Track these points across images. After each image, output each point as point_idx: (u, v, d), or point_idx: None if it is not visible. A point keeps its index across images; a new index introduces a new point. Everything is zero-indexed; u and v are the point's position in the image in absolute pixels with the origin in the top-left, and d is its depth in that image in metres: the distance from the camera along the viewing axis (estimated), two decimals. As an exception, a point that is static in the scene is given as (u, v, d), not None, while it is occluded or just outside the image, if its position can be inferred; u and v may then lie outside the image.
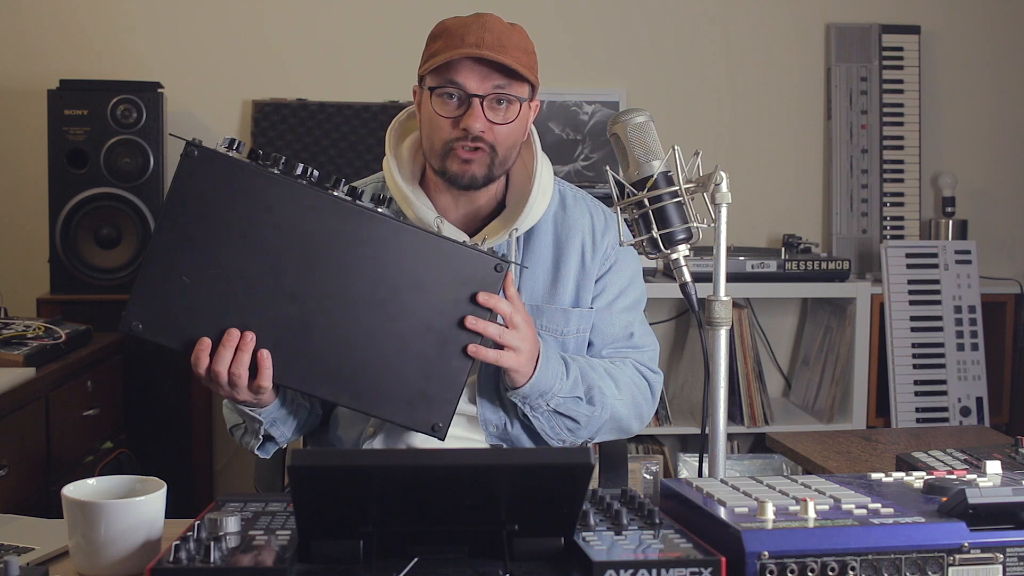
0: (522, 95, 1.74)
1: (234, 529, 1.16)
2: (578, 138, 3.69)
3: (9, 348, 2.58)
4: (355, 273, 1.53)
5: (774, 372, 3.80)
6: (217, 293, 1.51)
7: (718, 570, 1.09)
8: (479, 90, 1.70)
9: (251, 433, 1.72)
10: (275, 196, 1.51)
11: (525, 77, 1.72)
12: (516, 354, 1.63)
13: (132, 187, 3.22)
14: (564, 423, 1.77)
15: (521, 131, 1.78)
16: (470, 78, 1.70)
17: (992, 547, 1.14)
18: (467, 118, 1.70)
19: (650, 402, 1.88)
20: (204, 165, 1.49)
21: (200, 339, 1.52)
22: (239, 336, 1.52)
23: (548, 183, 1.84)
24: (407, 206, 1.79)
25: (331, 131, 3.51)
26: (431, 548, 1.15)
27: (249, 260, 1.51)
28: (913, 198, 3.76)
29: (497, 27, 1.73)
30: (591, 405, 1.76)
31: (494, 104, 1.72)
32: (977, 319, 3.48)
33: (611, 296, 1.88)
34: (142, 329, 1.51)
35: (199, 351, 1.53)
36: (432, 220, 1.77)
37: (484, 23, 1.72)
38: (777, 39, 3.79)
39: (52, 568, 1.28)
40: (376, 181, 1.90)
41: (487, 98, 1.71)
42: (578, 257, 1.85)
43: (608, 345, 1.87)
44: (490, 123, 1.71)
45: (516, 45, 1.72)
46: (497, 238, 1.78)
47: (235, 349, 1.52)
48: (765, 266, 3.36)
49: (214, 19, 3.57)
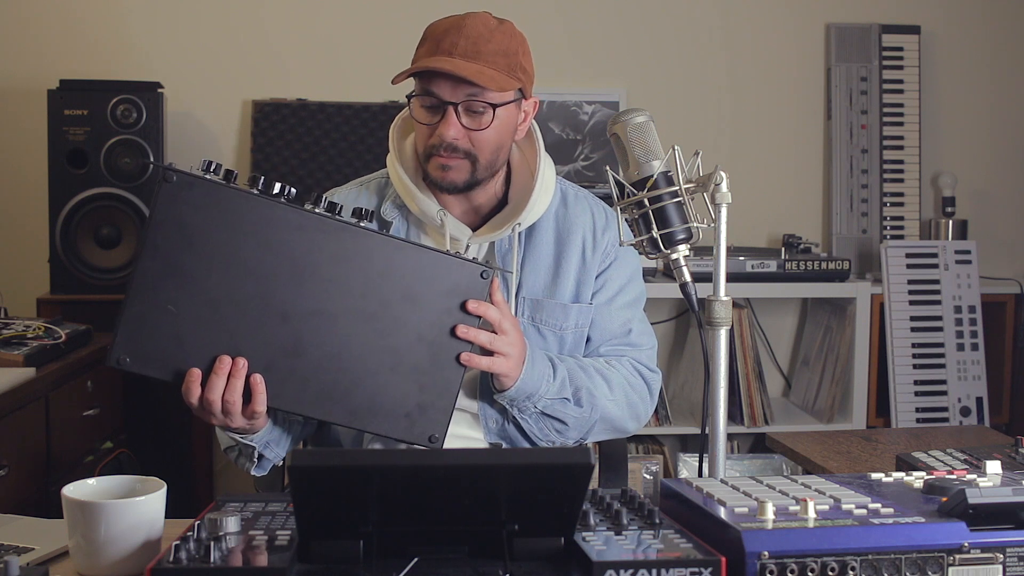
0: (499, 100, 1.72)
1: (234, 529, 1.17)
2: (578, 138, 3.69)
3: (9, 348, 2.58)
4: (343, 288, 1.52)
5: (774, 372, 3.80)
6: (205, 320, 1.48)
7: (718, 570, 1.09)
8: (452, 97, 1.70)
9: (245, 456, 1.71)
10: (257, 217, 1.48)
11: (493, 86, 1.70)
12: (506, 359, 1.64)
13: (132, 187, 3.22)
14: (552, 424, 1.77)
15: (506, 133, 1.77)
16: (443, 87, 1.70)
17: (992, 547, 1.14)
18: (441, 126, 1.71)
19: (647, 401, 1.88)
20: (183, 190, 1.45)
21: (190, 370, 1.48)
22: (231, 363, 1.48)
23: (551, 180, 1.85)
24: (410, 200, 1.80)
25: (331, 131, 3.51)
26: (431, 548, 1.15)
27: (236, 284, 1.48)
28: (913, 198, 3.76)
29: (476, 31, 1.70)
30: (579, 407, 1.77)
31: (468, 111, 1.71)
32: (977, 319, 3.48)
33: (611, 292, 1.88)
34: (130, 363, 1.47)
35: (190, 382, 1.48)
36: (435, 213, 1.78)
37: (463, 28, 1.71)
38: (777, 39, 3.79)
39: (52, 568, 1.28)
40: (380, 177, 1.90)
41: (462, 105, 1.70)
42: (579, 253, 1.85)
43: (606, 342, 1.88)
44: (466, 130, 1.71)
45: (494, 49, 1.70)
46: (499, 233, 1.79)
47: (227, 376, 1.49)
48: (765, 266, 3.36)
49: (214, 19, 3.57)
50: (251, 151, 3.50)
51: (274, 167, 3.47)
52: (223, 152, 3.57)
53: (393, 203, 1.84)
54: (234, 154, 3.59)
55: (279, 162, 3.48)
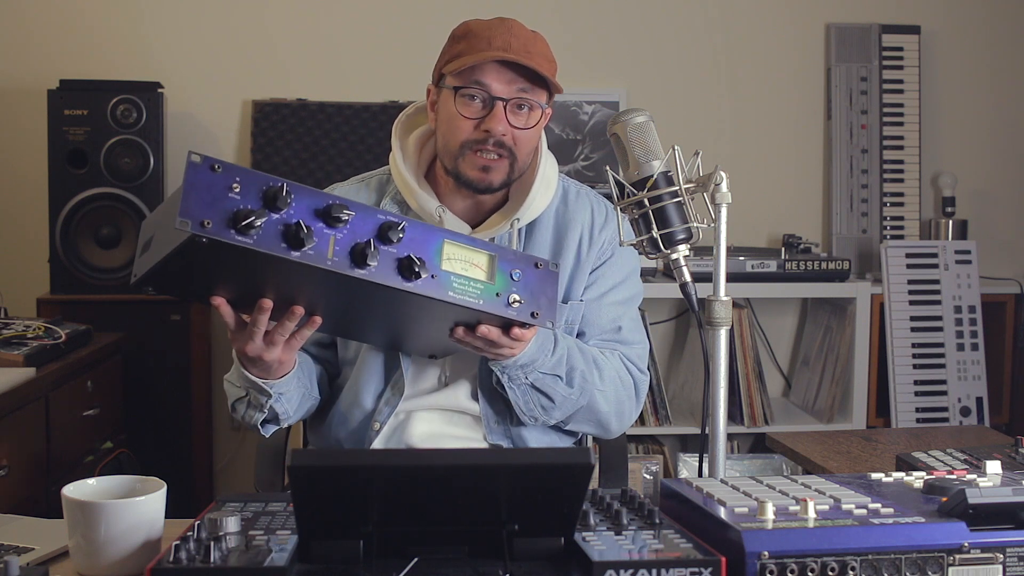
0: (542, 101, 1.76)
1: (234, 529, 1.17)
2: (578, 138, 3.69)
3: (9, 348, 2.58)
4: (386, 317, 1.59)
5: (774, 372, 3.80)
6: None
7: (718, 570, 1.09)
8: (504, 93, 1.71)
9: (255, 407, 1.69)
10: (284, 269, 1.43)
11: (548, 84, 1.74)
12: None
13: (132, 187, 3.22)
14: (539, 399, 1.75)
15: (538, 137, 1.81)
16: (496, 80, 1.71)
17: (992, 547, 1.14)
18: (490, 120, 1.71)
19: (633, 401, 1.87)
20: (211, 247, 1.34)
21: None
22: (302, 314, 1.49)
23: (552, 177, 1.85)
24: (410, 195, 1.80)
25: (331, 131, 3.51)
26: (431, 548, 1.15)
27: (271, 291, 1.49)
28: (913, 198, 3.76)
29: (523, 33, 1.75)
30: (569, 387, 1.76)
31: (516, 109, 1.73)
32: (977, 319, 3.48)
33: (603, 288, 1.87)
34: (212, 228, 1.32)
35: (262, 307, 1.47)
36: (434, 210, 1.78)
37: (510, 28, 1.74)
38: (777, 39, 3.79)
39: (52, 568, 1.28)
40: (382, 173, 1.90)
41: (510, 102, 1.72)
42: (574, 251, 1.85)
43: (595, 336, 1.87)
44: (511, 127, 1.72)
45: (540, 52, 1.75)
46: (498, 229, 1.79)
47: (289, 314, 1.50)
48: (765, 266, 3.36)
49: (214, 19, 3.57)
50: (251, 151, 3.50)
51: (274, 167, 3.47)
52: (223, 152, 3.57)
53: (393, 199, 1.84)
54: (234, 154, 3.59)
55: (279, 162, 3.48)
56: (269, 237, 1.33)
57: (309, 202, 1.38)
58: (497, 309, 1.51)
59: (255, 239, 1.32)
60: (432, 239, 1.47)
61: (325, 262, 1.37)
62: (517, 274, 1.53)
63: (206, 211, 1.29)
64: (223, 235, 1.30)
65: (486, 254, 1.51)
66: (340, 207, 1.38)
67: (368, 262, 1.39)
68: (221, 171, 1.32)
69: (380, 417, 1.81)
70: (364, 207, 1.43)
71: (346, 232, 1.39)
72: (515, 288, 1.52)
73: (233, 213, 1.31)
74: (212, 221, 1.29)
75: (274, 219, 1.34)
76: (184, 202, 1.28)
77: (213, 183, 1.31)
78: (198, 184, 1.30)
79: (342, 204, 1.39)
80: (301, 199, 1.37)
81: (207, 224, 1.29)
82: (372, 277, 1.40)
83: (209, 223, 1.29)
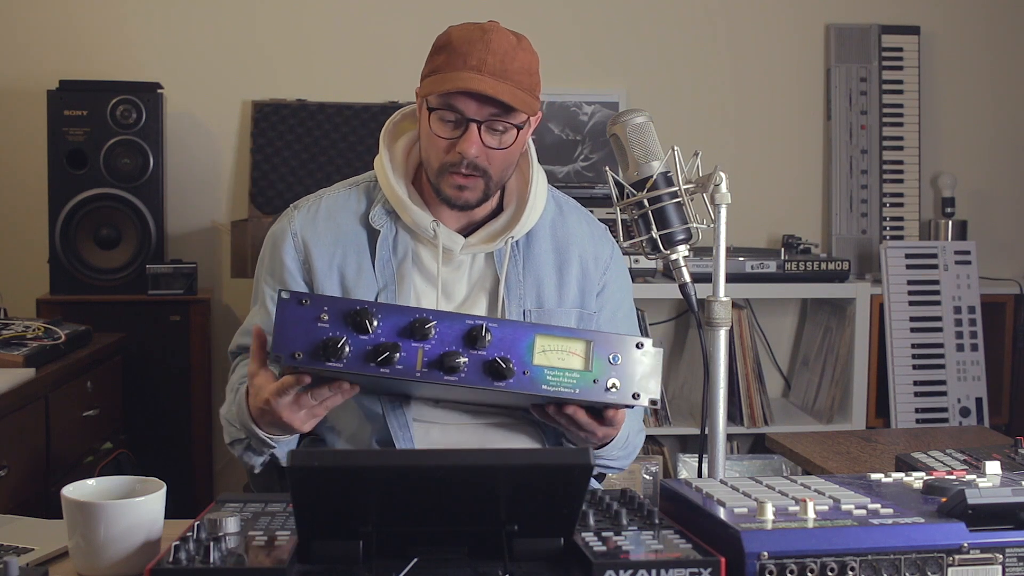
0: (521, 120, 1.69)
1: (234, 529, 1.17)
2: (578, 138, 3.69)
3: (9, 348, 2.58)
4: None
5: (774, 372, 3.80)
6: None
7: (717, 570, 1.09)
8: (477, 115, 1.66)
9: (255, 452, 1.68)
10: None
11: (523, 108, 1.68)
12: None
13: (132, 187, 3.22)
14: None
15: (518, 151, 1.75)
16: (469, 104, 1.66)
17: (991, 547, 1.14)
18: (463, 143, 1.67)
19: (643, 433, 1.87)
20: None
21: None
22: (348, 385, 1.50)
23: (543, 190, 1.82)
24: (403, 210, 1.76)
25: (331, 131, 3.51)
26: (431, 548, 1.15)
27: None
28: (913, 198, 3.76)
29: (502, 47, 1.67)
30: (624, 451, 1.75)
31: (491, 129, 1.68)
32: (977, 319, 3.48)
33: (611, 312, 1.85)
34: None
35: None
36: (428, 225, 1.75)
37: (488, 42, 1.66)
38: (777, 39, 3.80)
39: (52, 568, 1.28)
40: (368, 180, 1.86)
41: (484, 123, 1.67)
42: (578, 262, 1.83)
43: None
44: (486, 148, 1.68)
45: (519, 67, 1.67)
46: (493, 245, 1.76)
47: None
48: (765, 266, 3.36)
49: (214, 19, 3.57)
50: (251, 151, 3.49)
51: (274, 167, 3.47)
52: (223, 152, 3.57)
53: (383, 208, 1.79)
54: (234, 154, 3.59)
55: (279, 162, 3.48)
56: (358, 359, 1.42)
57: (396, 320, 1.44)
58: (595, 396, 1.47)
59: (345, 363, 1.41)
60: (522, 336, 1.46)
61: (414, 374, 1.43)
62: (616, 358, 1.47)
63: (296, 343, 1.41)
64: (315, 365, 1.41)
65: (583, 341, 1.46)
66: (424, 321, 1.43)
67: (458, 371, 1.43)
68: (309, 304, 1.43)
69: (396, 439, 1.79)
70: (449, 315, 1.46)
71: (433, 343, 1.44)
72: (614, 373, 1.47)
73: (323, 341, 1.41)
74: (303, 353, 1.41)
75: (362, 339, 1.42)
76: (276, 338, 1.41)
77: (302, 316, 1.42)
78: (287, 319, 1.42)
79: (425, 318, 1.43)
80: (387, 318, 1.44)
81: (298, 356, 1.41)
82: (463, 383, 1.44)
83: (300, 355, 1.41)
